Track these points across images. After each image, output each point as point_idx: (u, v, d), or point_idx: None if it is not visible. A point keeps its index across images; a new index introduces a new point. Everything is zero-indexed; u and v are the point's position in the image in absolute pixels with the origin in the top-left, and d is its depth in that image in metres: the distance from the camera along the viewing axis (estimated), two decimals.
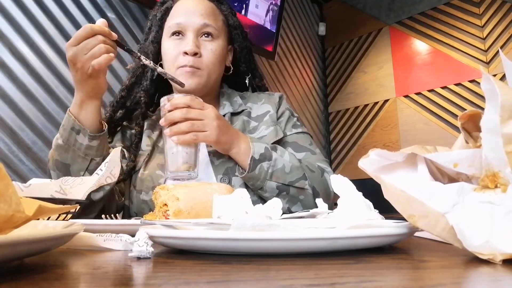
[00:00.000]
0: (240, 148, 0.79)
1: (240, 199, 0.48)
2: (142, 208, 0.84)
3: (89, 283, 0.26)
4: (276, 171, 0.79)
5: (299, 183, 0.81)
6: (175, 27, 0.88)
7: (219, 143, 0.77)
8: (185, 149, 0.73)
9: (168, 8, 0.93)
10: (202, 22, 0.88)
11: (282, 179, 0.80)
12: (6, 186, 0.26)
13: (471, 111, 0.34)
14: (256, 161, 0.77)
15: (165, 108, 0.74)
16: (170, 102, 0.74)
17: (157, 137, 0.92)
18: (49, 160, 0.80)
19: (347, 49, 3.12)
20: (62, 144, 0.77)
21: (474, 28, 2.45)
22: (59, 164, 0.77)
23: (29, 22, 1.52)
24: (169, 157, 0.74)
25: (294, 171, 0.81)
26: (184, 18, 0.88)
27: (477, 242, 0.29)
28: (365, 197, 0.43)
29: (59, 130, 0.79)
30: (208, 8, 0.91)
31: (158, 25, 0.93)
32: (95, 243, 0.40)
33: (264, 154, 0.79)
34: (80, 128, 0.76)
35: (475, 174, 0.32)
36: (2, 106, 1.41)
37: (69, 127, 0.76)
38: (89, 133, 0.76)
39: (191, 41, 0.86)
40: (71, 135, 0.76)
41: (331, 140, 3.15)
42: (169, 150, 0.74)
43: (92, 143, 0.77)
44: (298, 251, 0.33)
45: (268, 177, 0.78)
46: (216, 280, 0.24)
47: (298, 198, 0.82)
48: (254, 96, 1.01)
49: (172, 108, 0.73)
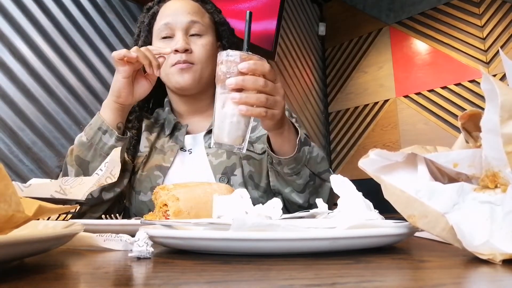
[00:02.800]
0: (284, 131, 0.74)
1: (240, 199, 0.48)
2: (141, 209, 0.84)
3: (89, 283, 0.26)
4: (311, 159, 0.78)
5: (324, 175, 0.81)
6: (164, 28, 0.89)
7: (277, 123, 0.71)
8: (246, 121, 0.66)
9: (154, 13, 0.94)
10: (189, 20, 0.89)
11: (314, 168, 0.79)
12: (6, 186, 0.26)
13: (472, 111, 0.34)
14: (301, 143, 0.76)
15: (237, 67, 0.64)
16: (248, 63, 0.63)
17: (154, 138, 0.93)
18: (67, 155, 0.81)
19: (347, 49, 3.12)
20: (85, 141, 0.78)
21: (474, 28, 2.45)
22: (78, 160, 0.78)
23: (29, 22, 1.52)
24: (227, 125, 0.65)
25: (322, 162, 0.81)
26: (172, 18, 0.89)
27: (477, 242, 0.29)
28: (365, 197, 0.43)
29: (84, 128, 0.80)
30: (194, 7, 0.93)
31: (147, 30, 0.94)
32: (95, 243, 0.40)
33: (306, 140, 0.78)
34: (107, 129, 0.77)
35: (475, 174, 0.32)
36: (2, 106, 1.41)
37: (96, 126, 0.78)
38: (117, 135, 0.77)
39: (181, 39, 0.87)
40: (97, 134, 0.77)
41: (331, 140, 3.15)
42: (229, 117, 0.64)
43: (118, 144, 0.78)
44: (298, 251, 0.33)
45: (306, 162, 0.77)
46: (216, 280, 0.24)
47: (318, 190, 0.82)
48: None
49: (247, 71, 0.63)
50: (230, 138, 0.65)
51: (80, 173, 0.77)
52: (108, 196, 0.80)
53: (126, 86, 0.76)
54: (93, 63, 1.73)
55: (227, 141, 0.65)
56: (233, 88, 0.64)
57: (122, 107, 0.79)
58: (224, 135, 0.65)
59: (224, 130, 0.65)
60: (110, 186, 0.80)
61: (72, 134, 1.59)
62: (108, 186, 0.79)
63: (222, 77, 0.65)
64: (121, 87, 0.76)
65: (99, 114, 0.79)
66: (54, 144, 1.54)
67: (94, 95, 1.72)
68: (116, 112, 0.78)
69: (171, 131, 0.92)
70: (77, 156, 0.78)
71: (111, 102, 0.78)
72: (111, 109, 0.78)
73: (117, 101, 0.77)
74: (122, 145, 0.78)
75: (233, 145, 0.65)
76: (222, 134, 0.65)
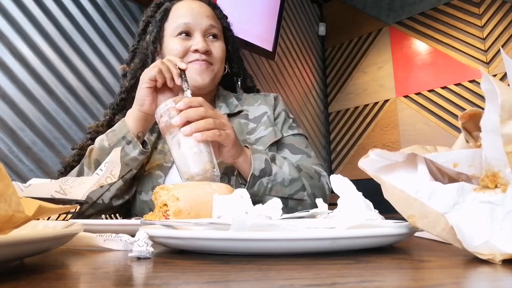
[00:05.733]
0: (247, 156, 0.78)
1: (240, 199, 0.48)
2: (143, 208, 0.85)
3: (89, 283, 0.26)
4: (276, 185, 0.78)
5: (298, 195, 0.81)
6: (183, 27, 0.91)
7: (234, 145, 0.74)
8: (207, 148, 0.68)
9: (167, 10, 0.95)
10: (209, 23, 0.93)
11: (281, 193, 0.79)
12: (6, 186, 0.26)
13: (472, 111, 0.34)
14: (256, 178, 0.76)
15: (175, 108, 0.69)
16: (183, 101, 0.69)
17: (155, 139, 0.93)
18: (86, 156, 0.81)
19: (347, 49, 3.12)
20: (107, 147, 0.78)
21: (474, 28, 2.45)
22: (97, 164, 0.78)
23: (29, 22, 1.53)
24: (191, 158, 0.67)
25: (293, 184, 0.80)
26: (192, 19, 0.91)
27: (477, 242, 0.29)
28: (365, 197, 0.42)
29: (106, 132, 0.81)
30: (210, 11, 0.96)
31: (158, 26, 0.95)
32: (95, 243, 0.40)
33: (265, 170, 0.78)
34: (132, 140, 0.78)
35: (475, 174, 0.32)
36: (2, 106, 1.41)
37: (120, 135, 0.78)
38: (141, 148, 0.78)
39: (201, 40, 0.90)
40: (120, 143, 0.78)
41: (331, 140, 3.15)
42: (188, 150, 0.67)
43: (140, 157, 0.79)
44: (298, 251, 0.33)
45: (267, 192, 0.78)
46: (216, 280, 0.24)
47: (296, 209, 0.82)
48: (249, 97, 1.02)
49: (185, 107, 0.68)
50: (199, 166, 0.66)
51: None
52: (117, 203, 0.82)
53: (149, 94, 0.77)
54: (93, 63, 1.73)
55: (197, 171, 0.66)
56: (180, 124, 0.67)
57: (146, 116, 0.79)
58: (191, 167, 0.67)
59: (189, 163, 0.67)
60: (121, 194, 0.81)
61: (72, 134, 1.60)
62: (119, 193, 0.80)
63: (167, 126, 0.69)
64: (144, 96, 0.77)
65: (124, 121, 0.79)
66: (54, 144, 1.54)
67: (94, 95, 1.72)
68: (139, 121, 0.79)
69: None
70: (96, 160, 0.79)
71: (135, 111, 0.79)
72: (135, 118, 0.79)
73: (141, 109, 0.78)
74: (143, 158, 0.80)
75: (205, 172, 0.66)
76: (189, 167, 0.67)
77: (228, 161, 0.77)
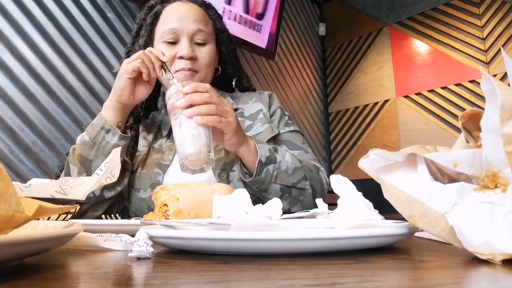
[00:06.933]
0: (250, 146, 0.79)
1: (240, 199, 0.48)
2: (141, 206, 0.85)
3: (89, 283, 0.26)
4: (280, 174, 0.80)
5: (301, 184, 0.82)
6: (169, 32, 0.90)
7: (236, 134, 0.75)
8: (206, 132, 0.70)
9: (157, 13, 0.95)
10: (195, 28, 0.91)
11: (286, 181, 0.80)
12: (6, 186, 0.26)
13: (472, 111, 0.34)
14: (262, 165, 0.78)
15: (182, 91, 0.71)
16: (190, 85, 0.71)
17: (152, 138, 0.94)
18: (69, 155, 0.82)
19: (347, 49, 3.12)
20: (88, 140, 0.79)
21: (474, 28, 2.45)
22: (81, 158, 0.79)
23: (29, 22, 1.53)
24: (188, 139, 0.69)
25: (296, 172, 0.82)
26: (178, 24, 0.90)
27: (477, 242, 0.29)
28: (365, 197, 0.42)
29: (86, 128, 0.82)
30: (200, 14, 0.94)
31: (149, 29, 0.95)
32: (95, 243, 0.40)
33: (270, 157, 0.79)
34: (110, 128, 0.79)
35: (475, 174, 0.32)
36: (2, 106, 1.41)
37: (99, 126, 0.79)
38: (120, 134, 0.79)
39: (187, 46, 0.89)
40: (100, 133, 0.79)
41: (331, 140, 3.15)
42: (188, 131, 0.69)
43: (121, 142, 0.80)
44: (298, 251, 0.33)
45: (273, 180, 0.79)
46: (216, 280, 0.24)
47: (298, 199, 0.83)
48: (244, 96, 1.03)
49: (192, 91, 0.70)
50: (195, 147, 0.68)
51: (82, 171, 0.78)
52: (109, 194, 0.82)
53: (128, 85, 0.78)
54: (93, 63, 1.73)
55: (191, 152, 0.68)
56: (183, 106, 0.69)
57: (123, 107, 0.80)
58: (188, 147, 0.68)
59: (187, 144, 0.69)
60: (112, 185, 0.81)
61: (72, 134, 1.60)
62: (110, 184, 0.79)
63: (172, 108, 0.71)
64: (123, 86, 0.77)
65: (100, 114, 0.80)
66: (54, 144, 1.54)
67: (94, 95, 1.72)
68: (117, 112, 0.80)
69: (168, 132, 0.93)
70: (79, 155, 0.79)
71: (112, 102, 0.80)
72: (113, 108, 0.80)
73: (119, 100, 0.79)
74: (124, 144, 0.80)
75: (199, 154, 0.68)
76: (186, 147, 0.68)
77: (231, 149, 0.78)
